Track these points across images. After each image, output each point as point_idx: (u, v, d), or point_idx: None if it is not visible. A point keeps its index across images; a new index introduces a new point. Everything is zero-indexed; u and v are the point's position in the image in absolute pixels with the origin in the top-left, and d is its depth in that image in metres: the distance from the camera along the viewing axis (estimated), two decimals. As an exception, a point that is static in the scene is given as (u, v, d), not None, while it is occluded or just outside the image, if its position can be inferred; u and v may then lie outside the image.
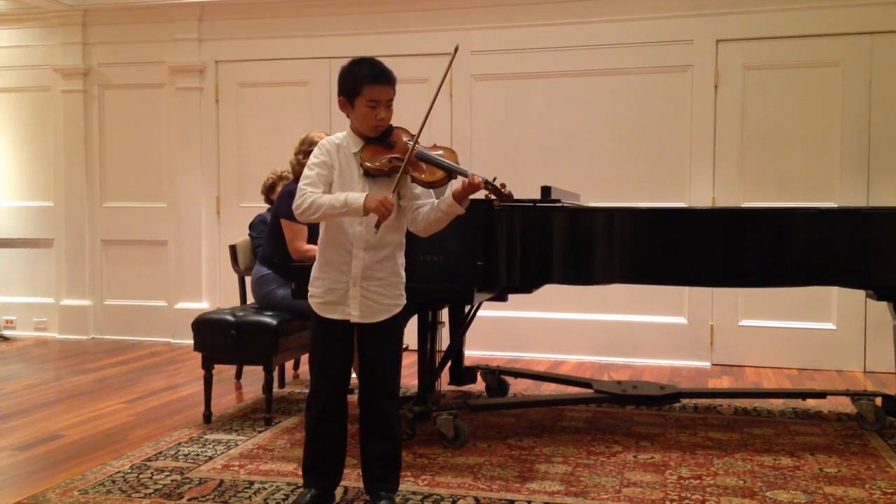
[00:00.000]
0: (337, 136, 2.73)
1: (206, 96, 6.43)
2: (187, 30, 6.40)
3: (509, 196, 2.56)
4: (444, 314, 4.24)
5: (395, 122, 2.71)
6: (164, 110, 6.52)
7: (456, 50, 2.66)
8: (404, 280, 2.74)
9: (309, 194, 2.58)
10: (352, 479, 3.01)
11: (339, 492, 2.90)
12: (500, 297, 3.75)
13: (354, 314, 2.65)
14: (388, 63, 2.68)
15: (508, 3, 5.80)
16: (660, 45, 5.60)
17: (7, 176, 6.86)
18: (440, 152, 2.66)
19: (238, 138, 6.40)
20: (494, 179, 2.56)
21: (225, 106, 6.42)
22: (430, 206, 2.64)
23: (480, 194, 2.60)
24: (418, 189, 2.67)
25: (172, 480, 3.13)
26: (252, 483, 3.10)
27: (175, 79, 6.45)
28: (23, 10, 6.63)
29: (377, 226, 2.53)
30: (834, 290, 5.25)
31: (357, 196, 2.53)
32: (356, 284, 2.64)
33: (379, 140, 2.65)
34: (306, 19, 6.16)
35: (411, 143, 2.60)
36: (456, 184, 2.61)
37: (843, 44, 5.34)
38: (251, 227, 4.89)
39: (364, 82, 2.61)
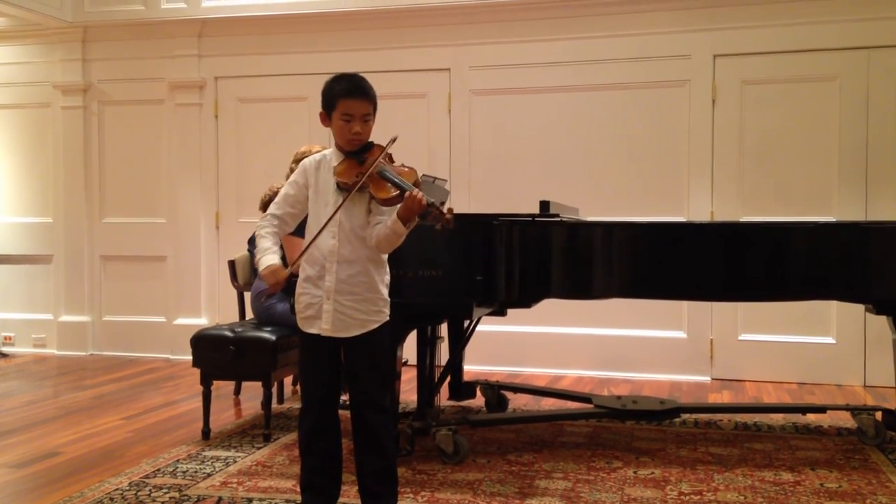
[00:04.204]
0: (324, 152, 2.78)
1: (206, 112, 6.45)
2: (187, 46, 6.42)
3: (448, 222, 2.52)
4: (444, 329, 4.23)
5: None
6: (163, 126, 6.54)
7: (393, 140, 2.69)
8: (384, 296, 2.73)
9: (264, 226, 2.72)
10: (351, 495, 3.00)
11: (338, 508, 2.89)
12: (500, 312, 3.74)
13: (326, 328, 2.66)
14: (387, 78, 2.71)
15: (506, 20, 5.83)
16: (657, 60, 5.62)
17: (6, 192, 6.87)
18: (404, 171, 2.66)
19: (237, 154, 6.41)
20: (442, 204, 2.54)
21: (224, 121, 6.44)
22: (382, 223, 2.64)
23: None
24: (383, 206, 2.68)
25: (171, 498, 3.12)
26: (251, 500, 3.09)
27: (174, 95, 6.47)
28: (23, 27, 6.65)
29: (267, 294, 2.58)
30: (833, 305, 5.24)
31: (265, 260, 2.66)
32: (329, 298, 2.65)
33: (355, 155, 2.67)
34: (306, 35, 6.19)
35: (379, 160, 2.62)
36: None
37: (840, 58, 5.37)
38: (250, 242, 4.88)
39: (339, 96, 2.64)
